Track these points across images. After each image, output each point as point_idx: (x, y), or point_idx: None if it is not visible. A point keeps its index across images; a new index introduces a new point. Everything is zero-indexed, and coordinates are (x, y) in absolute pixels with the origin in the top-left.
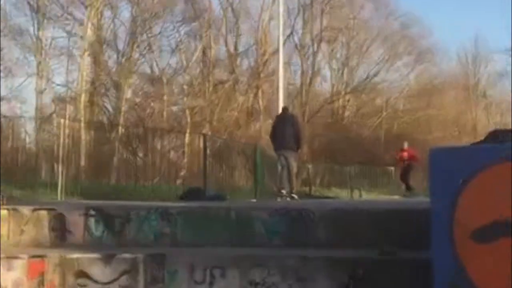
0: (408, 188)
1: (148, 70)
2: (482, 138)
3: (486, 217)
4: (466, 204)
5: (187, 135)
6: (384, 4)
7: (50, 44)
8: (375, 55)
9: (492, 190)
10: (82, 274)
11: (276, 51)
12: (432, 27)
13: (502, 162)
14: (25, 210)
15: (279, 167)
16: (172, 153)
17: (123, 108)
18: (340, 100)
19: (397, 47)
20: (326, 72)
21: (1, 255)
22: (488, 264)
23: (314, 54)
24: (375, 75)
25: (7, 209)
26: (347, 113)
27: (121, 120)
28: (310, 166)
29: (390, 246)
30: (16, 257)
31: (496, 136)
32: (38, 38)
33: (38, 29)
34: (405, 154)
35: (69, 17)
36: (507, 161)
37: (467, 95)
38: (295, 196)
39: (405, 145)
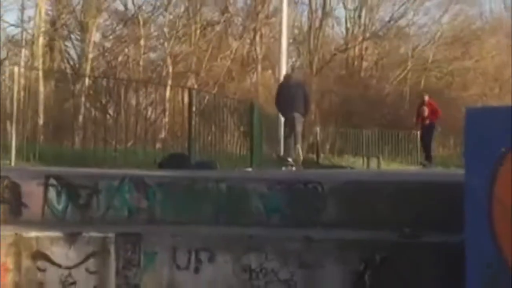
0: (428, 156)
1: (121, 8)
2: None
3: None
4: (508, 178)
5: (168, 88)
6: None
7: None
8: None
9: None
10: (41, 256)
11: None
12: None
13: None
14: None
15: (286, 133)
16: (150, 110)
17: (90, 55)
18: (357, 48)
19: None
20: (340, 12)
21: None
22: None
23: None
24: (400, 17)
25: None
26: (364, 64)
27: (88, 70)
28: (318, 129)
29: (413, 228)
30: None
31: None
32: None
33: None
34: (426, 110)
35: None
36: None
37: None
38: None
39: (426, 98)
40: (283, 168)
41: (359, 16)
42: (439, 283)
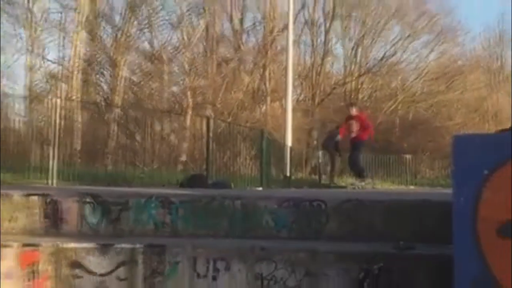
0: (360, 173)
1: (147, 47)
2: (507, 125)
3: None
4: (492, 197)
5: (188, 117)
6: None
7: (43, 17)
8: (392, 34)
9: None
10: (77, 264)
11: (285, 27)
12: (455, 3)
13: None
14: (16, 195)
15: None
16: (172, 136)
17: (119, 88)
18: (353, 83)
19: (416, 25)
20: (339, 51)
21: None
22: None
23: (326, 31)
24: (392, 55)
25: None
26: (360, 96)
27: (118, 101)
28: (320, 153)
29: (407, 240)
30: (7, 246)
31: None
32: (30, 10)
33: (32, 3)
34: (355, 124)
35: None
36: None
37: (490, 79)
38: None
39: (353, 111)
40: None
41: (355, 55)
42: None
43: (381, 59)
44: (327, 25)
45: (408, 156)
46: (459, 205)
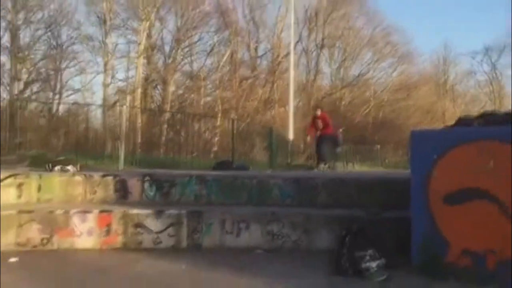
0: (323, 159)
1: (189, 69)
2: (450, 123)
3: (455, 185)
4: (439, 175)
5: (218, 119)
6: (373, 16)
7: (114, 48)
8: (365, 58)
9: (461, 164)
10: (139, 225)
11: (288, 54)
12: (411, 35)
13: (468, 142)
14: (96, 175)
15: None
16: (207, 133)
17: (169, 98)
18: (338, 93)
19: (383, 51)
20: (327, 70)
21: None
22: (456, 222)
23: (317, 56)
24: (365, 73)
25: (83, 175)
26: (343, 103)
27: (168, 108)
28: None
29: (377, 207)
30: (89, 211)
31: (462, 122)
32: (104, 43)
33: (105, 37)
34: (320, 122)
35: (128, 27)
36: (472, 141)
37: (438, 89)
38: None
39: (318, 112)
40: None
41: (339, 73)
42: (396, 244)
43: (358, 76)
44: (318, 52)
45: (377, 146)
46: (415, 180)
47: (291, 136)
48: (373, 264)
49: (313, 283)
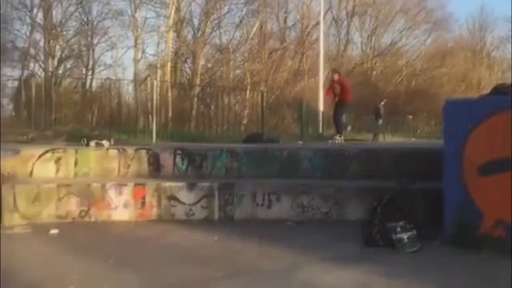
0: (339, 129)
1: (218, 42)
2: (486, 92)
3: (490, 155)
4: (473, 145)
5: (248, 92)
6: None
7: (144, 22)
8: (398, 25)
9: (495, 134)
10: (172, 197)
11: (317, 24)
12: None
13: (503, 111)
14: (130, 150)
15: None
16: (236, 106)
17: (199, 72)
18: (369, 63)
19: (416, 17)
20: (357, 40)
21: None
22: (490, 193)
23: (348, 25)
24: (398, 41)
25: (117, 149)
26: (374, 73)
27: (198, 81)
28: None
29: (409, 178)
30: (125, 184)
31: (498, 90)
32: (134, 18)
33: (135, 11)
34: (338, 87)
35: (157, 1)
36: (507, 110)
37: (474, 56)
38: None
39: (336, 77)
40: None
41: (370, 42)
42: (427, 215)
43: (390, 44)
44: (348, 20)
45: (410, 117)
46: (448, 151)
47: (321, 107)
48: (405, 236)
49: (345, 253)
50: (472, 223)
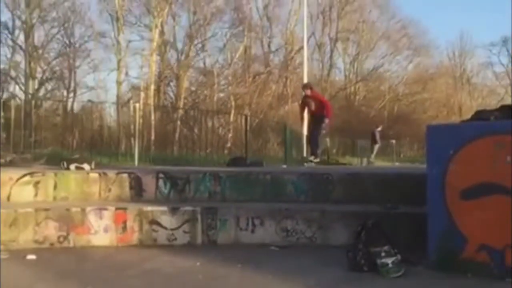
0: (313, 150)
1: (202, 65)
2: (467, 117)
3: (471, 180)
4: (456, 170)
5: (231, 115)
6: (387, 9)
7: (127, 45)
8: (380, 51)
9: (477, 158)
10: (154, 222)
11: (301, 49)
12: (426, 26)
13: (484, 136)
14: (111, 173)
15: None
16: (220, 129)
17: (182, 95)
18: (352, 87)
19: (398, 44)
20: (340, 65)
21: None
22: (473, 217)
23: (331, 51)
24: (380, 67)
25: (98, 173)
26: (357, 97)
27: (181, 104)
28: (328, 139)
29: (392, 203)
30: (105, 209)
31: (480, 116)
32: (117, 41)
33: (118, 34)
34: (312, 103)
35: (141, 24)
36: (489, 136)
37: (454, 82)
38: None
39: (308, 91)
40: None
41: (353, 67)
42: (411, 239)
43: (372, 69)
44: (332, 46)
45: (393, 141)
46: (431, 176)
47: (305, 131)
48: (389, 260)
49: (329, 279)
50: (456, 248)
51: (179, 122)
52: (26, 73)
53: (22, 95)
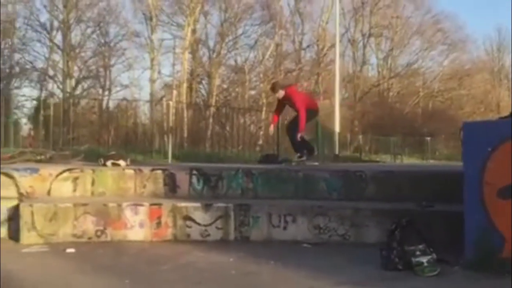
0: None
1: (233, 63)
2: (505, 114)
3: (510, 178)
4: (494, 168)
5: (263, 113)
6: (422, 3)
7: (160, 44)
8: (414, 46)
9: None
10: (188, 218)
11: (333, 45)
12: (463, 21)
13: None
14: (146, 170)
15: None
16: (252, 126)
17: (214, 93)
18: (385, 84)
19: (433, 39)
20: (373, 61)
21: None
22: (510, 216)
23: (364, 47)
24: (414, 62)
25: (134, 169)
26: (390, 94)
27: (213, 102)
28: (360, 136)
29: (428, 201)
30: (141, 204)
31: None
32: (151, 39)
33: (151, 33)
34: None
35: (173, 23)
36: None
37: (492, 78)
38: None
39: (281, 93)
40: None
41: (387, 63)
42: (446, 238)
43: (406, 65)
44: (365, 42)
45: (428, 138)
46: (468, 174)
47: (337, 128)
48: (424, 259)
49: (363, 277)
50: (494, 247)
51: (211, 120)
52: (64, 72)
53: (60, 94)
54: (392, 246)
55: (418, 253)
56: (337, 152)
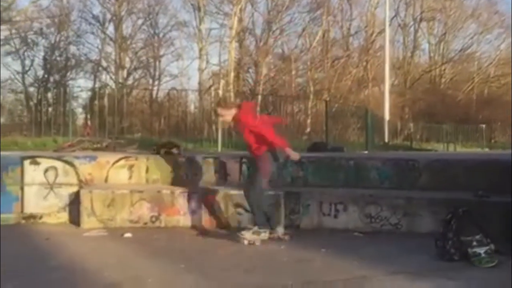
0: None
1: (280, 51)
2: None
3: None
4: None
5: (310, 101)
6: None
7: (208, 34)
8: (469, 30)
9: None
10: (239, 205)
11: (382, 31)
12: None
13: None
14: (198, 158)
15: None
16: (299, 115)
17: (261, 81)
18: (437, 70)
19: (488, 22)
20: (425, 46)
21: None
22: None
23: (415, 31)
24: (469, 47)
25: (186, 157)
26: (443, 80)
27: (260, 90)
28: (411, 124)
29: (484, 190)
30: (193, 192)
31: None
32: (199, 29)
33: (199, 23)
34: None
35: (220, 12)
36: None
37: None
38: None
39: (227, 113)
40: None
41: (439, 48)
42: (502, 229)
43: (460, 50)
44: (416, 26)
45: (483, 126)
46: None
47: (386, 115)
48: (481, 250)
49: (417, 267)
50: None
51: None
52: (116, 63)
53: (113, 84)
54: (447, 236)
55: (474, 243)
56: (386, 140)
